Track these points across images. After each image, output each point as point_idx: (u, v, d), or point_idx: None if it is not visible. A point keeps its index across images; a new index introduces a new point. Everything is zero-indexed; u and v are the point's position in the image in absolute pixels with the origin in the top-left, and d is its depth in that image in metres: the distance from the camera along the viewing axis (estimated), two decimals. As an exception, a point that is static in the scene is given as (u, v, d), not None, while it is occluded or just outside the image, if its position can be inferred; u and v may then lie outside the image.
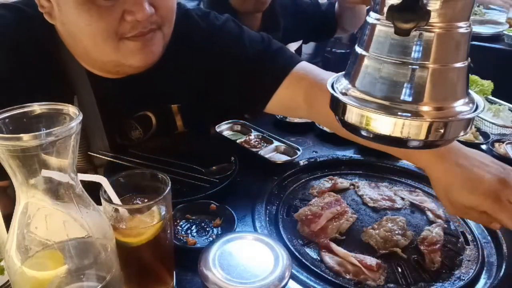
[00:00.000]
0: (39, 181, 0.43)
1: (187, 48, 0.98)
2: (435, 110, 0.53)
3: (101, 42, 0.79)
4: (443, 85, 0.53)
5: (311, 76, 0.94)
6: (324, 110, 0.93)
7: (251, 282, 0.47)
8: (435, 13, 0.49)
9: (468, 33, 0.52)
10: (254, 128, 1.19)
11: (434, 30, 0.50)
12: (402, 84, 0.53)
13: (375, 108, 0.54)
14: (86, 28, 0.78)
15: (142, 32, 0.80)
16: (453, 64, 0.52)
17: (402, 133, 0.53)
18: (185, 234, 0.78)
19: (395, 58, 0.53)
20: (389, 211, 0.86)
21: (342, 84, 0.62)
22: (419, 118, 0.52)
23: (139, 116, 1.03)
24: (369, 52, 0.56)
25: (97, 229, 0.49)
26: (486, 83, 1.37)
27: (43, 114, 0.46)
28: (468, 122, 0.55)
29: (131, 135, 1.04)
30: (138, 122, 1.04)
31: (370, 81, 0.56)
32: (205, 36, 1.00)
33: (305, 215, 0.81)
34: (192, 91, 1.04)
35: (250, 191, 0.93)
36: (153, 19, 0.80)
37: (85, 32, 0.79)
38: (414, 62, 0.52)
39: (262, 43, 1.00)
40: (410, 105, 0.53)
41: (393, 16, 0.49)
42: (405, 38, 0.51)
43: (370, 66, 0.56)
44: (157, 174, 0.62)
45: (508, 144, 1.13)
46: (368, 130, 0.56)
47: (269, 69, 0.96)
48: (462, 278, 0.71)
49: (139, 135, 1.05)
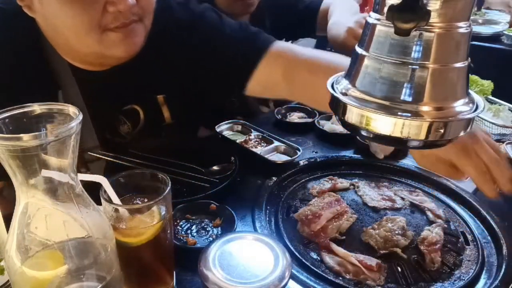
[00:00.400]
0: (39, 181, 0.43)
1: (168, 38, 1.00)
2: (435, 110, 0.53)
3: (84, 35, 0.80)
4: (443, 85, 0.53)
5: (289, 53, 0.95)
6: (304, 85, 0.94)
7: (251, 282, 0.47)
8: (435, 13, 0.49)
9: (468, 33, 0.52)
10: (254, 128, 1.19)
11: (434, 30, 0.50)
12: (402, 84, 0.53)
13: (375, 108, 0.54)
14: (68, 21, 0.78)
15: (124, 23, 0.81)
16: (453, 64, 0.52)
17: (402, 133, 0.53)
18: (185, 234, 0.78)
19: (395, 58, 0.53)
20: (389, 211, 0.85)
21: (342, 84, 0.62)
22: (419, 118, 0.52)
23: (126, 110, 1.04)
24: (369, 52, 0.56)
25: (97, 229, 0.49)
26: (486, 83, 1.37)
27: (43, 114, 0.46)
28: (468, 122, 0.55)
29: (120, 130, 1.05)
30: (126, 116, 1.05)
31: (370, 81, 0.56)
32: (185, 25, 1.01)
33: (305, 215, 0.81)
34: (175, 81, 1.05)
35: (250, 191, 0.93)
36: (134, 10, 0.81)
37: (68, 25, 0.79)
38: (414, 62, 0.52)
39: (240, 30, 1.02)
40: (410, 105, 0.53)
41: (393, 16, 0.49)
42: (405, 38, 0.51)
43: (370, 66, 0.56)
44: (157, 174, 0.62)
45: (508, 144, 1.13)
46: (368, 130, 0.56)
47: (245, 52, 0.98)
48: (462, 278, 0.71)
49: (128, 130, 1.06)
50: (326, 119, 1.28)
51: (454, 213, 0.88)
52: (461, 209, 0.90)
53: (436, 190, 0.96)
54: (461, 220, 0.86)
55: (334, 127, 1.21)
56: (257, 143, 1.13)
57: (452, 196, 0.93)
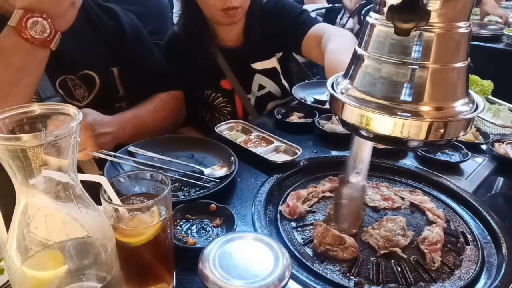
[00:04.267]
0: (39, 181, 0.43)
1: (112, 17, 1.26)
2: (435, 110, 0.53)
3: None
4: (443, 85, 0.53)
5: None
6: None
7: (251, 282, 0.47)
8: (435, 13, 0.49)
9: (468, 33, 0.52)
10: (254, 128, 1.19)
11: (434, 30, 0.50)
12: (402, 84, 0.53)
13: (375, 108, 0.54)
14: None
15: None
16: (453, 64, 0.52)
17: (402, 133, 0.53)
18: (185, 234, 0.78)
19: (395, 58, 0.53)
20: (389, 211, 0.86)
21: (342, 84, 0.62)
22: (419, 118, 0.53)
23: (83, 74, 1.18)
24: (369, 52, 0.56)
25: (97, 229, 0.49)
26: (486, 83, 1.37)
27: (43, 114, 0.46)
28: (468, 122, 0.55)
29: (76, 93, 1.17)
30: (82, 80, 1.18)
31: (370, 81, 0.56)
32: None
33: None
34: (124, 56, 1.26)
35: (250, 191, 0.93)
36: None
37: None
38: (414, 62, 0.52)
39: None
40: (410, 105, 0.53)
41: (393, 16, 0.49)
42: (405, 38, 0.51)
43: (370, 66, 0.56)
44: (157, 174, 0.62)
45: (508, 144, 1.13)
46: (368, 130, 0.56)
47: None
48: (462, 278, 0.71)
49: (83, 94, 1.18)
50: (326, 119, 1.28)
51: (454, 213, 0.88)
52: (461, 209, 0.90)
53: (436, 190, 0.96)
54: (461, 220, 0.86)
55: (334, 127, 1.21)
56: (257, 143, 1.13)
57: (452, 196, 0.93)
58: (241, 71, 1.48)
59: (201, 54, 1.45)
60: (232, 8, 1.29)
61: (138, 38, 1.32)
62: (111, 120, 1.10)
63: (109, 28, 1.25)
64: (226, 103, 1.51)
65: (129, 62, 1.28)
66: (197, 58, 1.45)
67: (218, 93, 1.50)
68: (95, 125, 1.02)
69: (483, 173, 1.05)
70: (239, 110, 1.53)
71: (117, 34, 1.26)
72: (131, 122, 1.16)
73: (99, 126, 1.03)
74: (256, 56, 1.50)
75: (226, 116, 1.52)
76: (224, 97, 1.50)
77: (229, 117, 1.51)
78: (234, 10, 1.31)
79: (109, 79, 1.24)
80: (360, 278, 0.69)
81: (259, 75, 1.51)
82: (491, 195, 0.96)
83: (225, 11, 1.30)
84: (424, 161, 1.07)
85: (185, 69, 1.46)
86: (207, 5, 1.32)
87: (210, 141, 1.11)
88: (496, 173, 1.06)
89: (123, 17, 1.29)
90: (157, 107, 1.28)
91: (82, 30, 1.17)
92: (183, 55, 1.46)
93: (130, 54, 1.28)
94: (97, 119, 1.04)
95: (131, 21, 1.32)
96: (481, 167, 1.07)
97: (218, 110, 1.53)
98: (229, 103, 1.51)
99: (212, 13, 1.34)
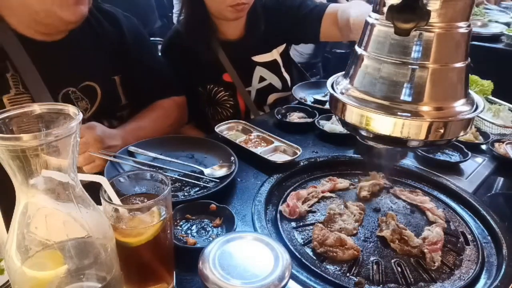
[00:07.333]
0: (39, 181, 0.43)
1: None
2: (435, 110, 0.53)
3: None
4: (443, 85, 0.53)
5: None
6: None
7: (251, 282, 0.47)
8: (435, 13, 0.49)
9: (468, 33, 0.52)
10: (254, 128, 1.19)
11: (434, 30, 0.50)
12: (402, 84, 0.53)
13: (375, 108, 0.54)
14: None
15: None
16: (453, 64, 0.52)
17: (402, 133, 0.53)
18: (185, 234, 0.78)
19: (395, 58, 0.53)
20: (389, 211, 0.85)
21: (341, 84, 0.62)
22: (419, 118, 0.53)
23: (84, 86, 1.16)
24: (369, 52, 0.56)
25: (97, 229, 0.49)
26: (486, 83, 1.37)
27: (43, 114, 0.46)
28: (468, 122, 0.55)
29: (78, 106, 1.14)
30: (83, 92, 1.16)
31: (370, 81, 0.56)
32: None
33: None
34: (125, 64, 1.25)
35: (250, 191, 0.93)
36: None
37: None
38: (414, 62, 0.52)
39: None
40: (410, 105, 0.53)
41: (393, 16, 0.49)
42: (405, 38, 0.51)
43: (370, 66, 0.56)
44: (157, 174, 0.62)
45: (508, 144, 1.13)
46: (368, 130, 0.56)
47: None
48: (462, 278, 0.71)
49: (86, 106, 1.17)
50: (326, 119, 1.28)
51: (454, 213, 0.88)
52: (461, 209, 0.90)
53: (436, 190, 0.96)
54: (461, 220, 0.86)
55: (334, 127, 1.21)
56: (257, 143, 1.13)
57: (452, 196, 0.93)
58: (242, 64, 1.50)
59: (202, 49, 1.46)
60: (241, 4, 1.32)
61: (139, 43, 1.30)
62: (117, 133, 1.10)
63: (110, 36, 1.23)
64: (228, 97, 1.52)
65: (130, 69, 1.26)
66: (199, 53, 1.46)
67: (220, 87, 1.51)
68: (104, 138, 1.01)
69: (483, 173, 1.05)
70: (241, 104, 1.54)
71: (117, 41, 1.24)
72: (135, 133, 1.15)
73: (108, 139, 1.02)
74: (257, 49, 1.52)
75: (229, 110, 1.53)
76: (226, 91, 1.51)
77: (231, 110, 1.53)
78: (242, 6, 1.33)
79: (111, 88, 1.23)
80: (360, 278, 0.69)
81: (260, 67, 1.53)
82: (491, 195, 0.96)
83: (234, 7, 1.32)
84: (424, 161, 1.07)
85: (188, 66, 1.48)
86: (216, 2, 1.34)
87: (210, 141, 1.11)
88: (496, 173, 1.06)
89: (123, 22, 1.27)
90: (160, 116, 1.28)
91: (83, 40, 1.16)
92: (185, 52, 1.47)
93: (131, 60, 1.27)
94: (106, 132, 1.04)
95: (132, 26, 1.30)
96: (481, 167, 1.08)
97: (220, 104, 1.54)
98: (231, 97, 1.52)
99: (220, 9, 1.36)
